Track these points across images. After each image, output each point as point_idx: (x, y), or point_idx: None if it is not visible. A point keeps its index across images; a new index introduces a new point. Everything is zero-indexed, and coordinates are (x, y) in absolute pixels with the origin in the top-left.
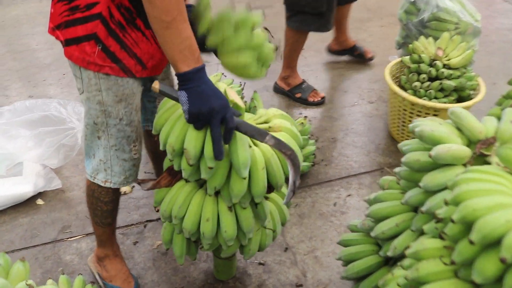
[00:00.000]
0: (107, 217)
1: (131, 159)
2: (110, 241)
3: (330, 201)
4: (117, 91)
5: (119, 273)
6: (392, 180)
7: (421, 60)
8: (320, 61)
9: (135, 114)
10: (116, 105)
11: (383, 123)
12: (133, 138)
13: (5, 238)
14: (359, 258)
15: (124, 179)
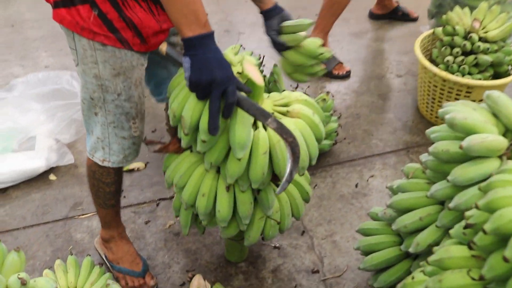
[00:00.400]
0: (110, 199)
1: (130, 136)
2: (115, 222)
3: (352, 182)
4: (114, 63)
5: (126, 255)
6: (418, 168)
7: (455, 32)
8: (346, 31)
9: (134, 89)
10: (114, 79)
11: (411, 99)
12: (133, 115)
13: (17, 213)
14: (379, 249)
15: (124, 157)
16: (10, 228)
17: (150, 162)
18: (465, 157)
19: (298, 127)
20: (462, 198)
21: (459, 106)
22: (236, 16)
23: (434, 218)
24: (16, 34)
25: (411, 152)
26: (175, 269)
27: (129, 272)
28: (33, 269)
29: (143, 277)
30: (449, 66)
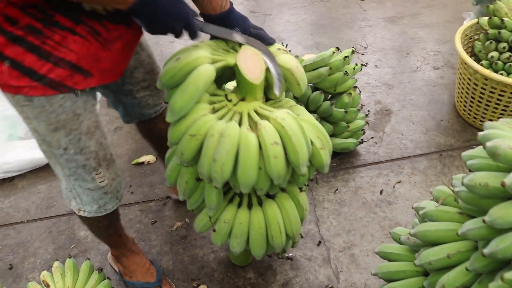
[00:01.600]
0: (106, 231)
1: (97, 188)
2: (121, 243)
3: (377, 187)
4: (48, 118)
5: (138, 267)
6: (450, 195)
7: (503, 25)
8: (381, 15)
9: (87, 139)
10: (53, 135)
11: (448, 95)
12: (92, 166)
13: (21, 205)
14: (399, 278)
15: (99, 208)
16: (13, 222)
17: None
18: (508, 194)
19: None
20: (500, 244)
21: (503, 129)
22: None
23: (465, 257)
24: None
25: (444, 156)
26: (179, 277)
27: (143, 284)
28: (33, 267)
29: (160, 286)
30: (493, 63)
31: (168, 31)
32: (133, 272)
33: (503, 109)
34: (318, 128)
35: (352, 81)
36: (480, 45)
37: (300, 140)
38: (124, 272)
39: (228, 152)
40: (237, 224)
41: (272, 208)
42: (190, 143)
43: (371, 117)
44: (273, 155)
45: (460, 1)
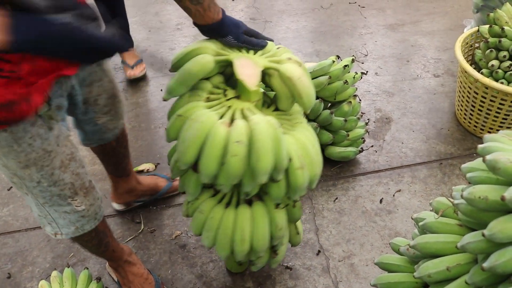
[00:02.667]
0: (98, 248)
1: (74, 211)
2: (116, 256)
3: (376, 196)
4: (17, 157)
5: (136, 278)
6: (450, 207)
7: (503, 33)
8: (382, 22)
9: (61, 172)
10: (24, 171)
11: (448, 103)
12: (67, 195)
13: (20, 214)
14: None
15: (77, 229)
16: (12, 230)
17: (160, 164)
18: (507, 208)
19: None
20: (500, 259)
21: (503, 141)
22: (263, 2)
23: (464, 270)
24: None
25: (444, 165)
26: (178, 286)
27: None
28: (32, 277)
29: None
30: (494, 72)
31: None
32: (131, 283)
33: (503, 118)
34: (307, 150)
35: (352, 90)
36: (480, 53)
37: (266, 148)
38: (123, 282)
39: (195, 136)
40: (209, 218)
41: (244, 214)
42: (175, 122)
43: (371, 125)
44: (232, 152)
45: (461, 9)
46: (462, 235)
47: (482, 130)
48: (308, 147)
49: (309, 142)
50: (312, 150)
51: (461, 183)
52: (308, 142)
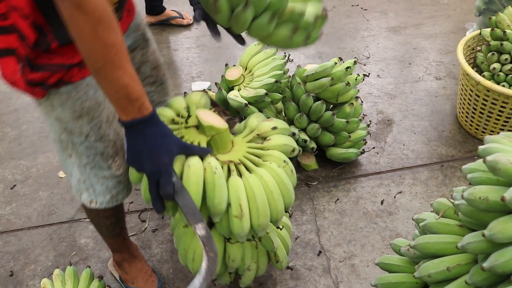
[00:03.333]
0: (113, 229)
1: (112, 176)
2: (124, 246)
3: (378, 197)
4: (73, 105)
5: (140, 274)
6: (450, 208)
7: (505, 37)
8: (384, 25)
9: (107, 127)
10: (77, 121)
11: (450, 106)
12: (109, 154)
13: (22, 212)
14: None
15: (111, 197)
16: (15, 228)
17: None
18: (507, 209)
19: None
20: (500, 259)
21: (504, 143)
22: None
23: (464, 270)
24: None
25: (445, 167)
26: (179, 285)
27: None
28: (34, 275)
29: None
30: (495, 75)
31: (140, 171)
32: (135, 279)
33: (505, 121)
34: (254, 198)
35: (354, 92)
36: (482, 56)
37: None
38: (126, 278)
39: None
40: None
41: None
42: None
43: (372, 127)
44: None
45: (463, 12)
46: (462, 236)
47: (483, 132)
48: (258, 195)
49: (262, 188)
50: (261, 198)
51: (462, 185)
52: (261, 189)
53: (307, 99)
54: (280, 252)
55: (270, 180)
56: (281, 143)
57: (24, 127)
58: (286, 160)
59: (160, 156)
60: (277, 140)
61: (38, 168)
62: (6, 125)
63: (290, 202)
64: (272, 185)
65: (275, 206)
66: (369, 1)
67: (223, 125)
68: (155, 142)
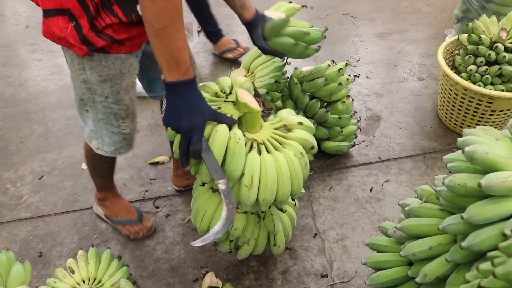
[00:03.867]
0: (107, 172)
1: (120, 133)
2: (110, 187)
3: (367, 186)
4: (101, 71)
5: (121, 208)
6: (432, 194)
7: (480, 42)
8: (372, 31)
9: (124, 94)
10: (101, 84)
11: (431, 103)
12: (121, 115)
13: (49, 200)
14: (386, 267)
15: (115, 149)
16: (43, 214)
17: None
18: (483, 194)
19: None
20: (476, 238)
21: (480, 136)
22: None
23: (445, 249)
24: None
25: (427, 158)
26: (189, 264)
27: (127, 221)
28: (60, 255)
29: (140, 222)
30: (472, 75)
31: (176, 128)
32: (117, 212)
33: (480, 117)
34: (265, 174)
35: (345, 91)
36: (460, 59)
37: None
38: (110, 213)
39: None
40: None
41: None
42: None
43: (362, 123)
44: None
45: (443, 19)
46: (443, 218)
47: (461, 127)
48: (269, 173)
49: (275, 169)
50: (271, 176)
51: (442, 174)
52: (273, 169)
53: (303, 98)
54: (279, 238)
55: (284, 164)
56: (302, 137)
57: (50, 124)
58: (303, 153)
59: (196, 116)
60: (300, 134)
61: (63, 160)
62: (34, 122)
63: (298, 190)
64: (285, 169)
65: (283, 188)
66: (358, 10)
67: (256, 107)
68: (193, 103)
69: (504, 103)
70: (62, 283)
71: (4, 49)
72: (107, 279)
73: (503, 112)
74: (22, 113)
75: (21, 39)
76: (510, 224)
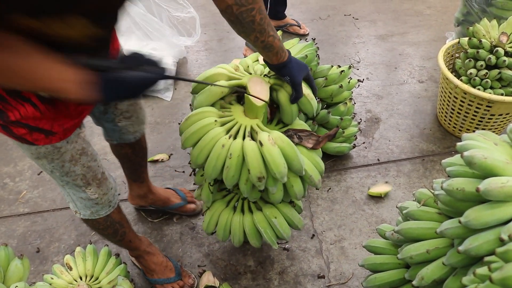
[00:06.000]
0: (114, 236)
1: (88, 198)
2: (134, 246)
3: (365, 187)
4: (29, 149)
5: (157, 266)
6: (430, 197)
7: (480, 45)
8: (373, 33)
9: (71, 165)
10: (37, 161)
11: (431, 106)
12: (80, 185)
13: (48, 196)
14: (383, 270)
15: (91, 213)
16: (41, 210)
17: (173, 154)
18: (481, 198)
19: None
20: (473, 243)
21: (479, 140)
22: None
23: (442, 252)
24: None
25: (426, 161)
26: (187, 263)
27: (165, 280)
28: (58, 251)
29: (180, 279)
30: (472, 79)
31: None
32: (154, 271)
33: (479, 120)
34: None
35: (347, 93)
36: (460, 62)
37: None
38: (146, 271)
39: (203, 148)
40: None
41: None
42: (190, 137)
43: (362, 125)
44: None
45: (444, 22)
46: (441, 222)
47: (460, 130)
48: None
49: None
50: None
51: (441, 177)
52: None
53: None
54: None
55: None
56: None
57: None
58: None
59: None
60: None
61: None
62: None
63: (300, 169)
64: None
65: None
66: (360, 11)
67: (259, 102)
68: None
69: (503, 107)
70: (59, 279)
71: None
72: (104, 276)
73: (502, 116)
74: None
75: None
76: (507, 229)
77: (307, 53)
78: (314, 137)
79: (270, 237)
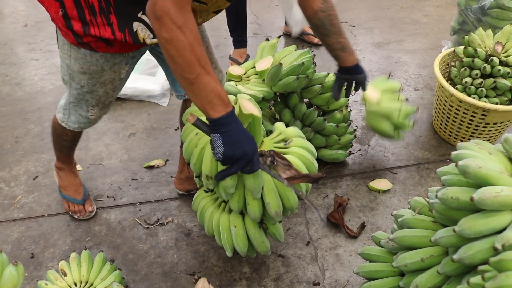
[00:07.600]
0: (65, 149)
1: (86, 117)
2: (67, 160)
3: (360, 194)
4: (83, 64)
5: (70, 185)
6: (425, 205)
7: (476, 55)
8: (369, 41)
9: (99, 86)
10: (80, 75)
11: (426, 114)
12: (92, 103)
13: (43, 201)
14: (378, 277)
15: (78, 127)
16: (36, 215)
17: (169, 160)
18: (476, 207)
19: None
20: (467, 252)
21: (473, 150)
22: (265, 20)
23: (436, 260)
24: None
25: (421, 169)
26: (182, 269)
27: (71, 199)
28: (53, 257)
29: (82, 204)
30: (467, 88)
31: (241, 154)
32: (66, 187)
33: (474, 128)
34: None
35: (344, 101)
36: (456, 71)
37: None
38: (60, 185)
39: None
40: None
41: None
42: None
43: (358, 132)
44: None
45: (440, 31)
46: (436, 231)
47: (456, 138)
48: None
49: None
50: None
51: (436, 185)
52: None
53: (301, 106)
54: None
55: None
56: (300, 144)
57: (46, 124)
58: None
59: (252, 137)
60: (298, 142)
61: None
62: (30, 122)
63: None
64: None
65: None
66: (357, 19)
67: (258, 113)
68: (243, 127)
69: (498, 116)
70: (53, 285)
71: (1, 47)
72: (99, 282)
73: (497, 125)
74: (18, 112)
75: (19, 38)
76: (501, 239)
77: (304, 60)
78: (293, 170)
79: (225, 242)
